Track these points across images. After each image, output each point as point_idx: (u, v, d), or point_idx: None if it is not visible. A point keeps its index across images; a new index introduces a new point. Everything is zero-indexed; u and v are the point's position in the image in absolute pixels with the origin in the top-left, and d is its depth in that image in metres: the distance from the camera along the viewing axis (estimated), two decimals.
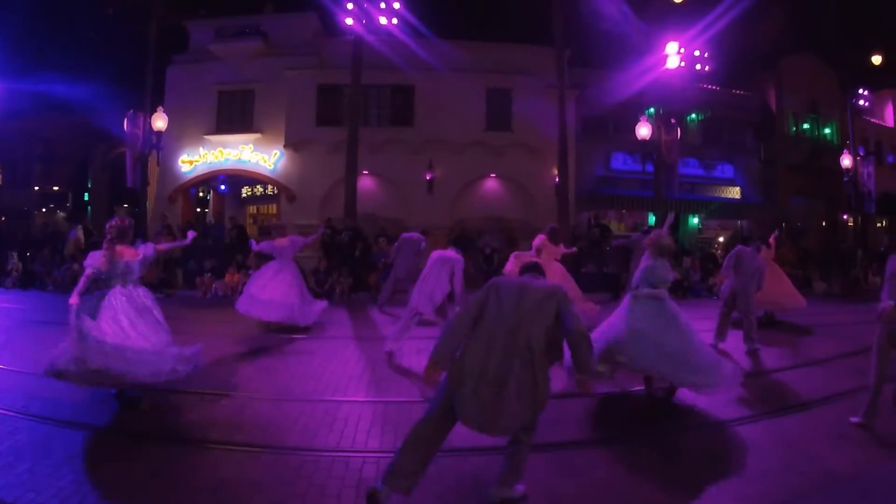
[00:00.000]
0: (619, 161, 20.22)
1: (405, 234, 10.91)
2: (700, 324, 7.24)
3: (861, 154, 23.71)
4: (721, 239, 21.26)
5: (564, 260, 9.90)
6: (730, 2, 18.84)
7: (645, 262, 5.44)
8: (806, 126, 23.54)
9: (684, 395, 5.37)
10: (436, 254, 7.11)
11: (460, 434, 4.14)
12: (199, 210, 21.32)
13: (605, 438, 4.53)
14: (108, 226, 5.09)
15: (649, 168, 17.71)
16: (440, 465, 3.76)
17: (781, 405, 5.39)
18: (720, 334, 7.86)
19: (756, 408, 5.25)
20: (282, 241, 9.00)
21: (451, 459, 3.90)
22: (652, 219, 18.18)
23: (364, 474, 3.70)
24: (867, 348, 7.70)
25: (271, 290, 8.53)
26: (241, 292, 9.21)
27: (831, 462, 4.01)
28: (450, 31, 18.78)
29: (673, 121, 17.96)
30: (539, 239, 8.94)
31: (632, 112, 18.10)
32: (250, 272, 12.87)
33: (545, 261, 8.21)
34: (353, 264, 14.12)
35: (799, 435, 4.56)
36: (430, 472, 3.57)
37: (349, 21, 16.17)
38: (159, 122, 15.89)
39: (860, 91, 23.94)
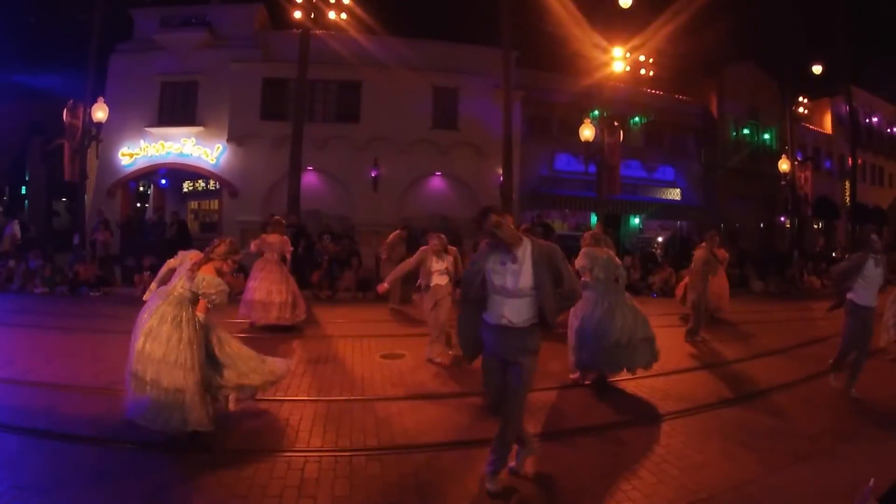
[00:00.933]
0: (563, 162, 20.51)
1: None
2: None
3: (799, 159, 24.70)
4: (660, 239, 21.84)
5: None
6: (675, 10, 19.37)
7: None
8: (746, 132, 24.39)
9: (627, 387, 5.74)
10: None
11: (406, 432, 4.28)
12: (138, 205, 20.74)
13: (545, 433, 4.59)
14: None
15: (592, 169, 18.00)
16: (384, 463, 3.88)
17: (722, 398, 5.64)
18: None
19: (698, 400, 5.48)
20: (273, 238, 8.77)
21: (394, 457, 3.99)
22: (594, 219, 18.54)
23: (306, 474, 3.68)
24: (806, 342, 8.50)
25: (261, 292, 8.39)
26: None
27: (766, 455, 4.19)
28: (398, 28, 18.77)
29: (616, 124, 18.36)
30: None
31: (576, 114, 18.49)
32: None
33: None
34: (295, 262, 13.93)
35: (738, 427, 4.78)
36: (374, 470, 3.75)
37: (297, 14, 15.99)
38: (100, 112, 15.34)
39: (800, 99, 24.95)
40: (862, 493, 2.23)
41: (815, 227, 28.59)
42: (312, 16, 16.19)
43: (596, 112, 18.44)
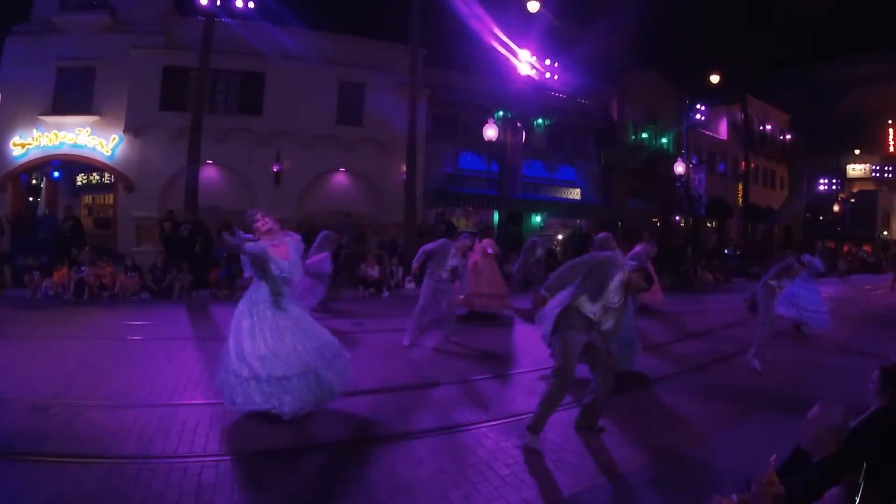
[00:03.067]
0: (467, 160, 21.07)
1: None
2: None
3: (694, 162, 26.42)
4: (560, 237, 22.88)
5: None
6: (580, 16, 20.33)
7: None
8: (645, 135, 25.84)
9: None
10: None
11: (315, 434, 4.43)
12: (30, 199, 19.70)
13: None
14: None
15: (495, 168, 18.71)
16: (281, 465, 3.95)
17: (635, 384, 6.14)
18: None
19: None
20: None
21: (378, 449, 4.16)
22: (496, 217, 19.26)
23: (203, 479, 3.63)
24: (696, 333, 9.51)
25: None
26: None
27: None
28: (305, 19, 18.55)
29: (519, 124, 19.15)
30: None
31: (481, 114, 19.04)
32: (82, 269, 12.42)
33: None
34: (193, 260, 13.77)
35: (644, 413, 5.24)
36: (273, 473, 3.80)
37: (203, 1, 15.71)
38: None
39: (698, 106, 26.66)
40: (765, 467, 2.62)
41: (709, 225, 30.62)
42: (219, 3, 15.96)
43: (500, 112, 19.14)
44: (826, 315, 9.58)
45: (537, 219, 22.38)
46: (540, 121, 21.80)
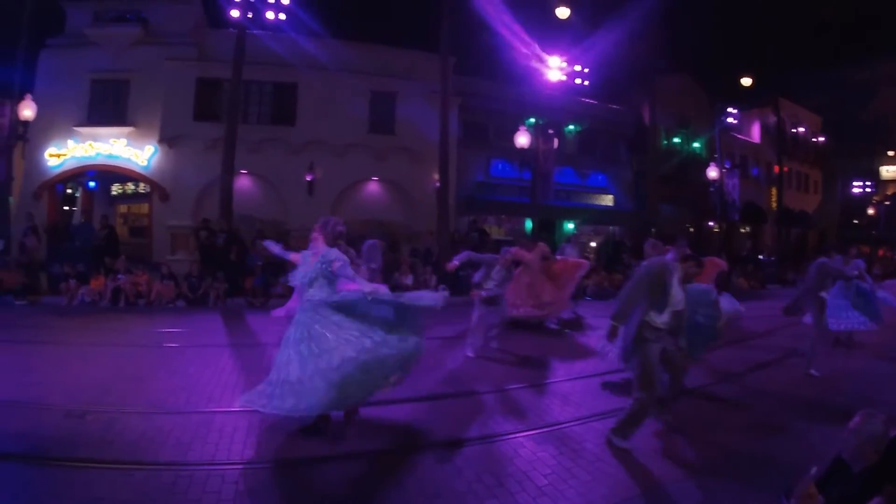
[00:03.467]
0: (499, 168, 20.90)
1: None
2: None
3: (727, 167, 25.91)
4: (594, 244, 22.55)
5: None
6: (610, 22, 20.08)
7: None
8: (677, 140, 25.42)
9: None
10: None
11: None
12: (66, 208, 19.99)
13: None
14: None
15: (527, 175, 18.50)
16: (320, 472, 3.91)
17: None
18: None
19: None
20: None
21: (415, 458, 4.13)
22: (529, 224, 19.04)
23: (241, 486, 3.63)
24: (733, 341, 8.96)
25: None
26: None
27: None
28: (337, 30, 18.72)
29: (551, 131, 18.93)
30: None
31: (512, 121, 18.87)
32: (119, 277, 12.51)
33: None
34: (228, 268, 13.81)
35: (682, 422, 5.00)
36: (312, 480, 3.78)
37: (235, 13, 15.82)
38: (27, 110, 14.87)
39: (729, 110, 26.18)
40: (804, 479, 2.58)
41: (743, 231, 30.01)
42: (250, 15, 16.07)
43: (531, 119, 18.96)
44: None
45: (570, 226, 22.11)
46: (571, 127, 21.58)
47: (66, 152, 18.10)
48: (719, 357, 8.06)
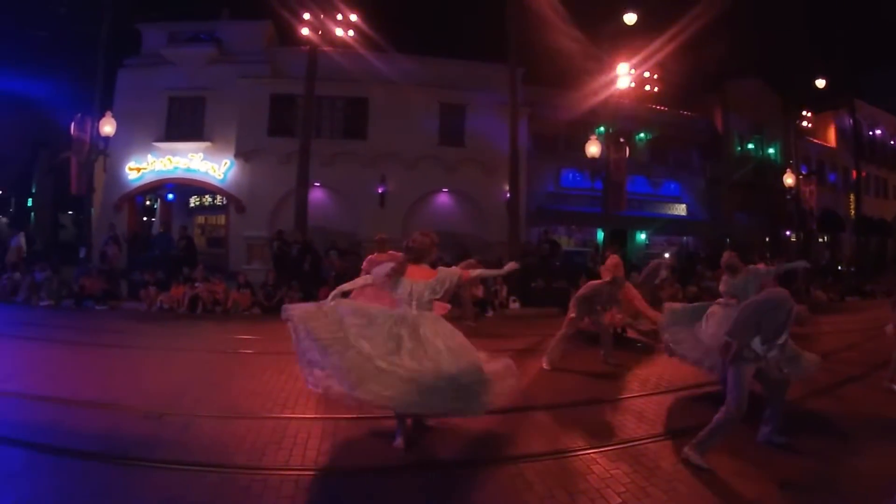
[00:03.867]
0: (569, 178, 20.59)
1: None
2: None
3: (804, 173, 24.78)
4: (667, 255, 21.84)
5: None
6: (679, 26, 19.49)
7: None
8: (750, 146, 24.47)
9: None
10: None
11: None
12: (145, 219, 20.79)
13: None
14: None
15: (598, 185, 18.08)
16: (393, 481, 3.87)
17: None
18: None
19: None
20: (379, 257, 8.72)
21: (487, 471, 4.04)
22: (600, 235, 18.58)
23: (314, 493, 3.65)
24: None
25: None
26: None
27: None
28: (405, 45, 18.90)
29: (622, 140, 18.45)
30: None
31: (582, 130, 18.54)
32: (196, 285, 12.89)
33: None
34: (302, 278, 13.99)
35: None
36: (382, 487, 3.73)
37: (305, 31, 16.13)
38: (107, 126, 15.47)
39: (804, 113, 25.07)
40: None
41: (821, 240, 28.63)
42: (320, 32, 16.34)
43: (601, 128, 18.55)
44: None
45: (642, 236, 21.53)
46: (642, 135, 21.05)
47: (145, 166, 18.89)
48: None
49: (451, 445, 4.59)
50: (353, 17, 16.74)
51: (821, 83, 24.30)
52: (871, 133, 31.06)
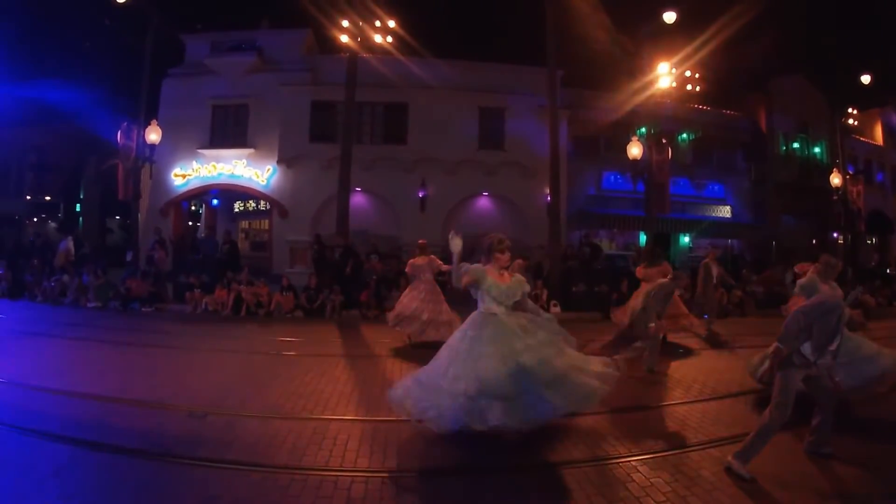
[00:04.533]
0: (611, 180, 20.36)
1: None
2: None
3: (850, 173, 24.02)
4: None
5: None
6: (720, 24, 19.10)
7: None
8: (796, 145, 23.81)
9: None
10: None
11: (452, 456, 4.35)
12: (190, 224, 21.29)
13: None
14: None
15: (640, 187, 17.77)
16: (431, 486, 3.91)
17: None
18: None
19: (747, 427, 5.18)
20: (419, 261, 9.32)
21: (442, 480, 4.02)
22: (643, 238, 18.32)
23: (352, 494, 3.67)
24: None
25: (403, 306, 9.03)
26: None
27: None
28: (443, 49, 19.02)
29: (664, 140, 18.12)
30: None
31: (623, 132, 18.36)
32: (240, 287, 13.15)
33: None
34: (344, 281, 14.12)
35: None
36: (421, 492, 3.78)
37: (344, 38, 16.29)
38: (153, 134, 15.87)
39: (849, 110, 24.32)
40: None
41: (869, 242, 27.72)
42: (359, 39, 16.49)
43: (643, 129, 18.34)
44: None
45: (685, 239, 21.14)
46: (684, 136, 20.67)
47: (190, 172, 19.40)
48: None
49: (491, 450, 4.57)
50: (392, 23, 16.85)
51: (866, 79, 23.48)
52: None
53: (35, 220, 26.45)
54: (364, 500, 3.63)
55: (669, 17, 18.40)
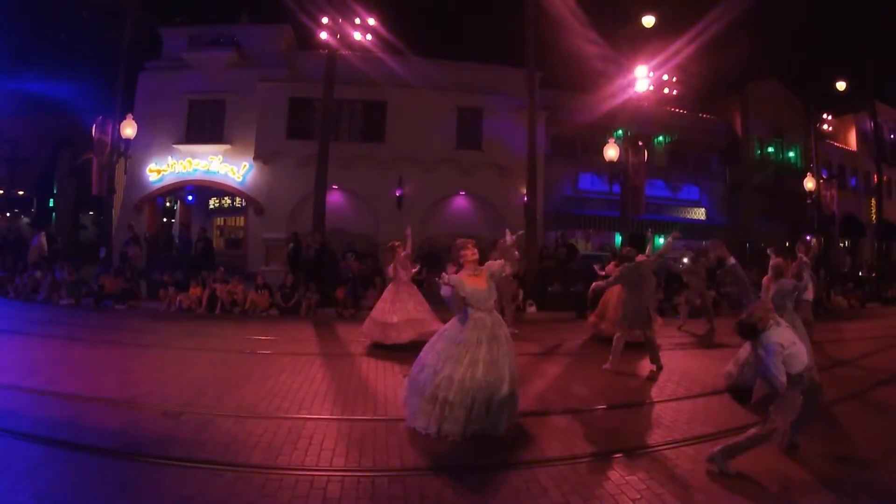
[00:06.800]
0: (587, 182, 20.52)
1: None
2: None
3: (824, 177, 24.42)
4: (686, 260, 21.62)
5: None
6: (698, 28, 19.31)
7: None
8: (770, 150, 24.19)
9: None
10: None
11: (429, 454, 4.38)
12: (165, 220, 21.02)
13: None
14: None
15: (616, 189, 17.96)
16: (407, 484, 3.90)
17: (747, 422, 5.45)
18: None
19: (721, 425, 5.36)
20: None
21: (418, 479, 4.02)
22: (618, 239, 18.47)
23: (328, 493, 3.67)
24: (839, 363, 8.62)
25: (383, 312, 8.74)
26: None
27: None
28: (423, 48, 18.92)
29: (640, 143, 18.28)
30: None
31: (600, 133, 18.46)
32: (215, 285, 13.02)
33: None
34: (319, 280, 14.05)
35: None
36: (396, 491, 3.79)
37: (324, 35, 16.19)
38: (128, 129, 15.65)
39: (824, 116, 24.72)
40: None
41: (842, 245, 28.22)
42: (338, 36, 16.39)
43: (620, 131, 18.41)
44: None
45: (660, 241, 21.26)
46: (661, 138, 20.86)
47: (165, 168, 19.13)
48: (826, 378, 7.46)
49: (466, 449, 4.59)
50: (372, 21, 16.75)
51: (841, 86, 23.97)
52: (892, 136, 30.50)
53: (7, 214, 25.89)
54: (340, 499, 3.64)
55: (648, 20, 18.61)
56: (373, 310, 8.97)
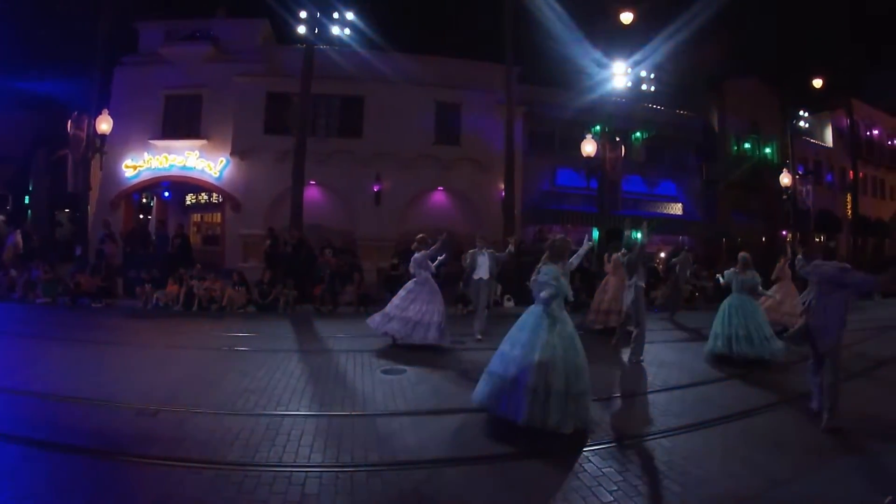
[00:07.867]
0: (565, 177, 20.56)
1: None
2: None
3: (800, 173, 24.77)
4: (663, 254, 21.83)
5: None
6: (676, 25, 19.48)
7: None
8: (747, 146, 24.46)
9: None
10: None
11: (407, 448, 4.42)
12: (141, 217, 20.78)
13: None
14: None
15: (594, 184, 18.07)
16: (385, 479, 3.91)
17: (721, 414, 5.59)
18: None
19: (701, 416, 5.48)
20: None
21: (396, 474, 4.02)
22: (596, 234, 18.58)
23: (307, 489, 3.67)
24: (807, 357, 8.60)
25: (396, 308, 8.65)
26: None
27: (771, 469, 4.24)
28: (401, 43, 18.85)
29: (618, 139, 18.44)
30: None
31: (578, 129, 18.57)
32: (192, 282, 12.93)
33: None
34: (297, 276, 14.00)
35: (747, 440, 4.83)
36: (375, 486, 3.80)
37: (301, 29, 16.12)
38: (104, 124, 15.48)
39: (801, 113, 25.06)
40: None
41: (817, 240, 28.62)
42: (316, 31, 16.32)
43: (597, 127, 18.55)
44: None
45: (637, 236, 21.44)
46: (638, 134, 21.04)
47: (141, 164, 18.88)
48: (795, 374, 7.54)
49: (444, 442, 4.63)
50: (350, 16, 16.73)
51: (818, 83, 24.27)
52: (868, 133, 31.03)
53: None
54: (318, 495, 3.64)
55: (626, 17, 18.70)
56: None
